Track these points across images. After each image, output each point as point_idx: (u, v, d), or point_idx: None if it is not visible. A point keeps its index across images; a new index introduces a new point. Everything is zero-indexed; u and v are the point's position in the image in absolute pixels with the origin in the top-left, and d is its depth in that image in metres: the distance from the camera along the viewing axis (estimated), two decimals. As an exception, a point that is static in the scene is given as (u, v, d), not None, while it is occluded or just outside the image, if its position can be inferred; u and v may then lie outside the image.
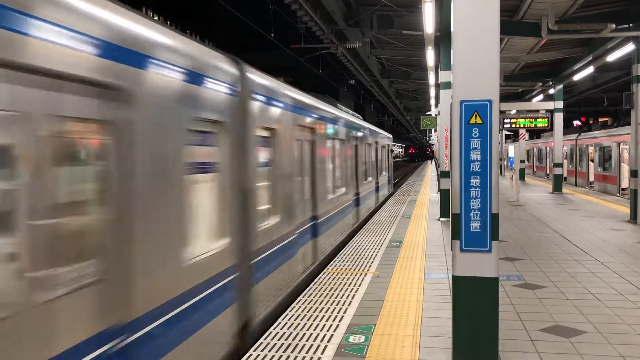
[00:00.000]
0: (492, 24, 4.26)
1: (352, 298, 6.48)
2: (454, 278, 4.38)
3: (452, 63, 4.44)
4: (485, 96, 4.25)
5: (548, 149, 32.27)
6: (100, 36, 3.02)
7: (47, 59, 2.60)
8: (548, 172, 32.09)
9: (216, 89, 4.77)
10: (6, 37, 2.37)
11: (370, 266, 8.21)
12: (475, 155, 4.27)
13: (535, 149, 37.56)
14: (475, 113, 4.25)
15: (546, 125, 21.12)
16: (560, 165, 21.93)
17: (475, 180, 4.28)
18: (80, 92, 2.86)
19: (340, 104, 14.57)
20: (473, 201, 4.28)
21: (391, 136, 25.29)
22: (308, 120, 8.27)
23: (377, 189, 18.08)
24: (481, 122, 4.25)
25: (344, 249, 9.64)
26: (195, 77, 4.30)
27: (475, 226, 4.28)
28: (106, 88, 3.05)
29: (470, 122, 4.28)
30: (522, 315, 5.81)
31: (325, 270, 8.04)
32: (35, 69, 2.54)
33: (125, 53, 3.26)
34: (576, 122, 38.36)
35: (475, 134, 4.27)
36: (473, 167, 4.28)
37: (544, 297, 6.52)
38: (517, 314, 5.86)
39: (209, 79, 4.60)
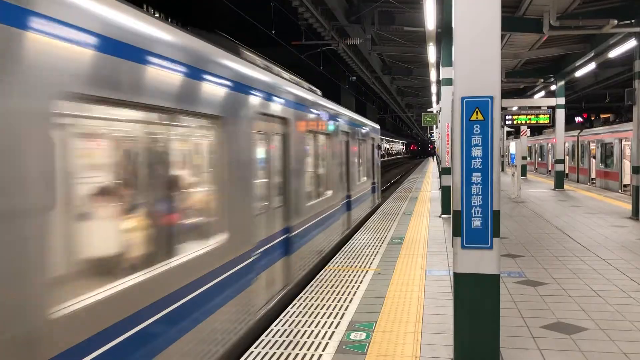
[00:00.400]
0: (493, 20, 4.24)
1: (354, 295, 6.48)
2: (455, 275, 4.37)
3: (453, 59, 4.43)
4: (487, 92, 4.23)
5: (550, 145, 32.23)
6: None
7: None
8: (550, 168, 32.06)
9: None
10: None
11: (371, 263, 8.21)
12: (477, 152, 4.26)
13: (536, 145, 37.51)
14: (477, 109, 4.23)
15: (548, 121, 21.11)
16: (562, 161, 21.91)
17: (476, 177, 4.27)
18: None
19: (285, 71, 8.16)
20: (474, 198, 4.27)
21: (378, 127, 18.19)
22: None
23: (348, 206, 11.80)
24: (482, 118, 4.23)
25: (344, 247, 9.64)
26: None
27: (476, 223, 4.27)
28: None
29: (472, 118, 4.27)
30: (523, 312, 5.80)
31: (326, 267, 8.04)
32: None
33: None
34: (578, 119, 38.31)
35: (477, 131, 4.25)
36: (474, 164, 4.27)
37: (546, 293, 6.51)
38: (518, 311, 5.85)
39: None
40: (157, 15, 4.60)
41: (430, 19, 11.80)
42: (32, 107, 2.55)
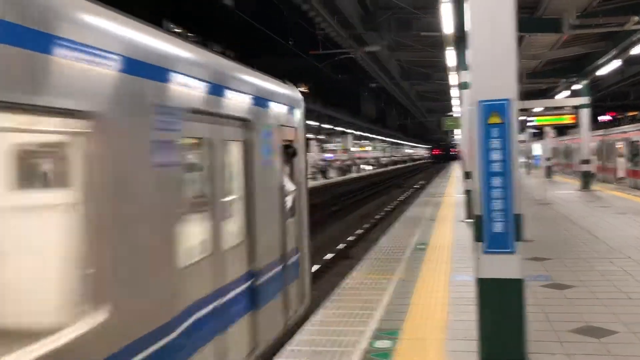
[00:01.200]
0: (508, 22, 4.22)
1: (378, 302, 6.45)
2: (478, 280, 4.32)
3: (469, 63, 4.41)
4: (504, 95, 4.21)
5: (575, 145, 31.68)
6: None
7: None
8: (576, 169, 31.49)
9: None
10: None
11: (395, 270, 8.16)
12: (496, 156, 4.23)
13: (562, 146, 36.91)
14: (494, 112, 4.21)
15: (572, 121, 20.76)
16: (588, 162, 21.48)
17: (496, 181, 4.23)
18: None
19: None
20: (495, 202, 4.23)
21: (298, 96, 6.91)
22: None
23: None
24: (500, 121, 4.20)
25: (367, 254, 9.60)
26: None
27: (498, 227, 4.23)
28: None
29: (490, 122, 4.24)
30: (550, 316, 5.70)
31: (350, 274, 8.02)
32: None
33: None
34: (602, 118, 37.65)
35: (495, 134, 4.22)
36: (494, 168, 4.24)
37: (573, 297, 6.40)
38: (545, 315, 5.75)
39: None
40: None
41: (447, 24, 11.77)
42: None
